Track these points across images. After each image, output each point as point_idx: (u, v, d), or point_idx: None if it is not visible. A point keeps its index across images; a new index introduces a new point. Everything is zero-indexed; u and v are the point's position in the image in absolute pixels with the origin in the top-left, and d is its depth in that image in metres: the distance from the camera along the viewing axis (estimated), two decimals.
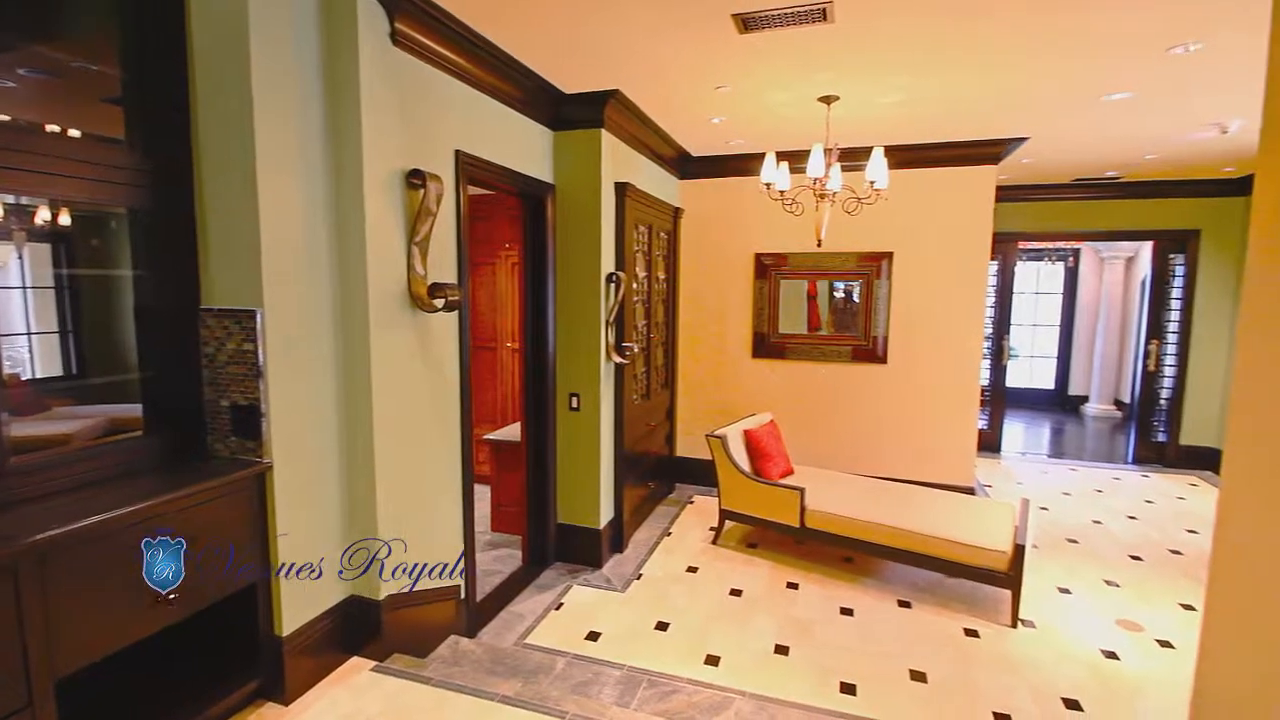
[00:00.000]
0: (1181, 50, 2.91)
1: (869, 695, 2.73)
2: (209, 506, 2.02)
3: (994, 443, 6.82)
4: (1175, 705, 2.67)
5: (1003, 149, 4.67)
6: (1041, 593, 3.68)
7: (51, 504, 1.77)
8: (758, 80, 3.39)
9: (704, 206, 5.33)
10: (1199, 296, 6.19)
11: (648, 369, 4.70)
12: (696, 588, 3.68)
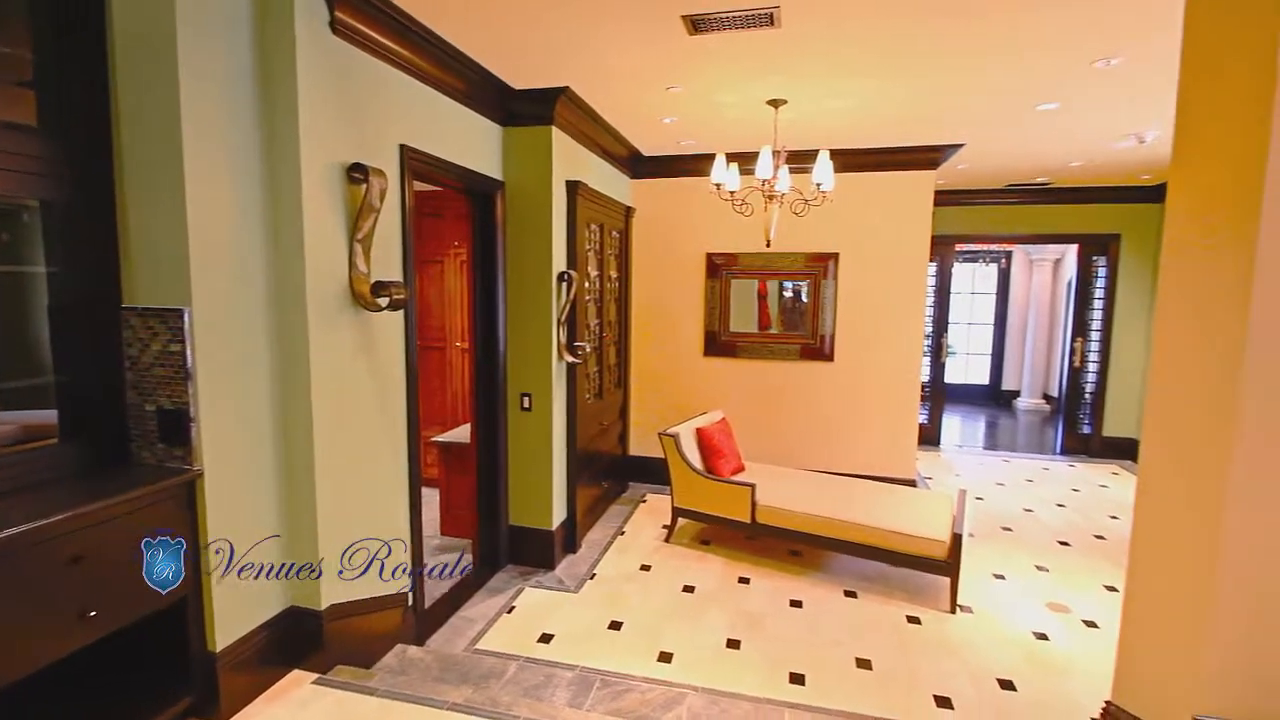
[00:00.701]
0: (1104, 64, 3.09)
1: (817, 684, 2.80)
2: (132, 517, 1.90)
3: (934, 436, 7.10)
4: (1100, 681, 2.84)
5: (941, 155, 4.86)
6: (978, 579, 3.85)
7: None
8: (708, 82, 3.43)
9: (656, 206, 5.36)
10: (1120, 297, 6.60)
11: (600, 368, 4.69)
12: (650, 586, 3.70)
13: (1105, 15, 2.56)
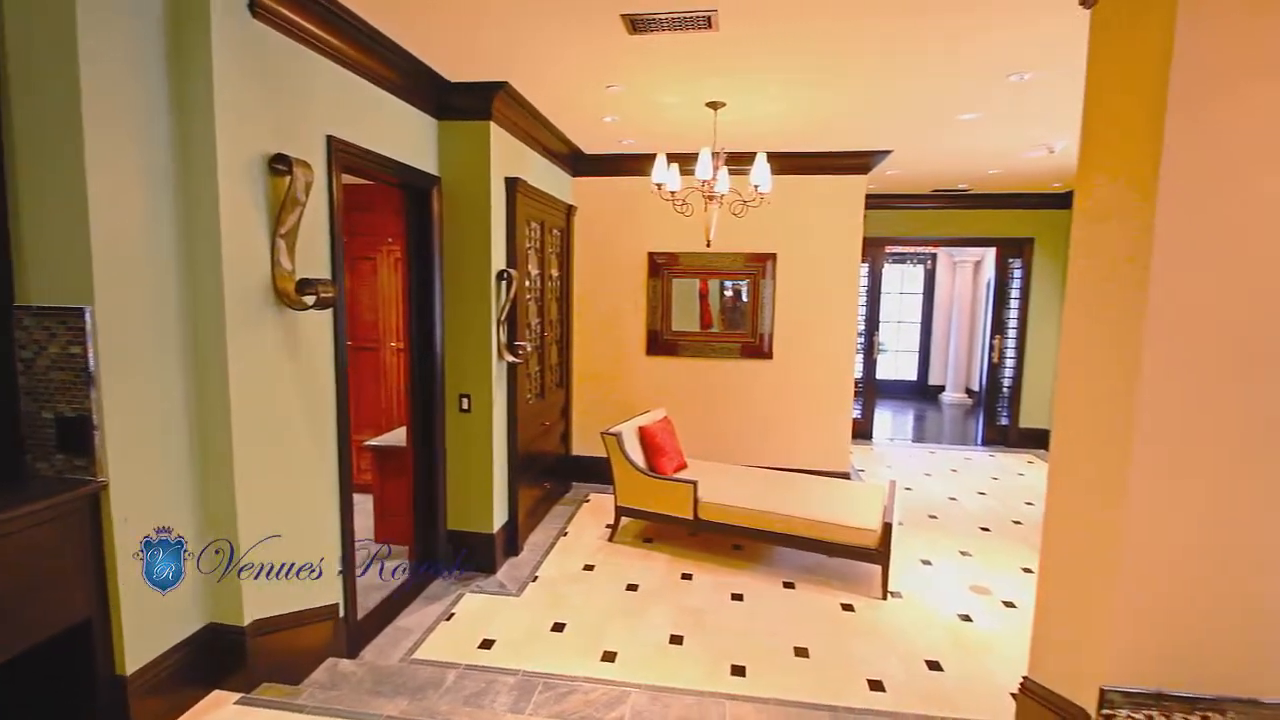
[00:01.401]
0: (1017, 79, 3.28)
1: (757, 675, 2.86)
2: (25, 535, 1.74)
3: (866, 430, 7.39)
4: (1018, 658, 3.02)
5: (871, 160, 5.05)
6: (907, 565, 4.03)
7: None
8: (649, 82, 3.44)
9: (597, 204, 5.34)
10: (1034, 297, 7.05)
11: (542, 367, 4.63)
12: (593, 586, 3.69)
13: (1019, 33, 2.72)
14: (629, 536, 4.39)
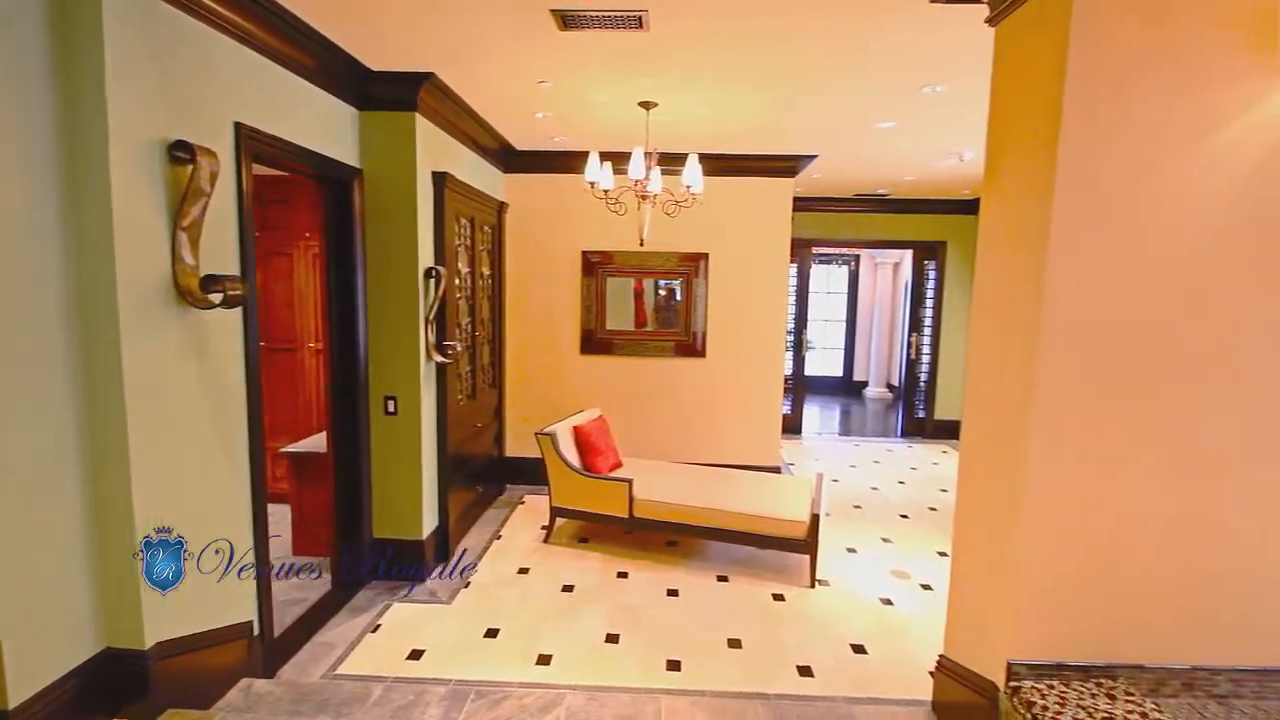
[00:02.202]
0: (930, 90, 3.47)
1: (692, 668, 2.90)
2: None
3: (796, 425, 7.64)
4: (934, 636, 3.20)
5: (798, 164, 5.22)
6: (834, 554, 4.19)
7: None
8: (581, 80, 3.42)
9: (530, 202, 5.26)
10: (947, 296, 7.49)
11: (473, 368, 4.52)
12: (528, 589, 3.63)
13: (932, 47, 2.87)
14: (564, 537, 4.36)
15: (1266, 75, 1.83)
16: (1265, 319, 1.92)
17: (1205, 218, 1.89)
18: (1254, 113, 1.85)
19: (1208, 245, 1.90)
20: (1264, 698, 2.04)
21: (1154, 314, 1.93)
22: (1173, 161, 1.87)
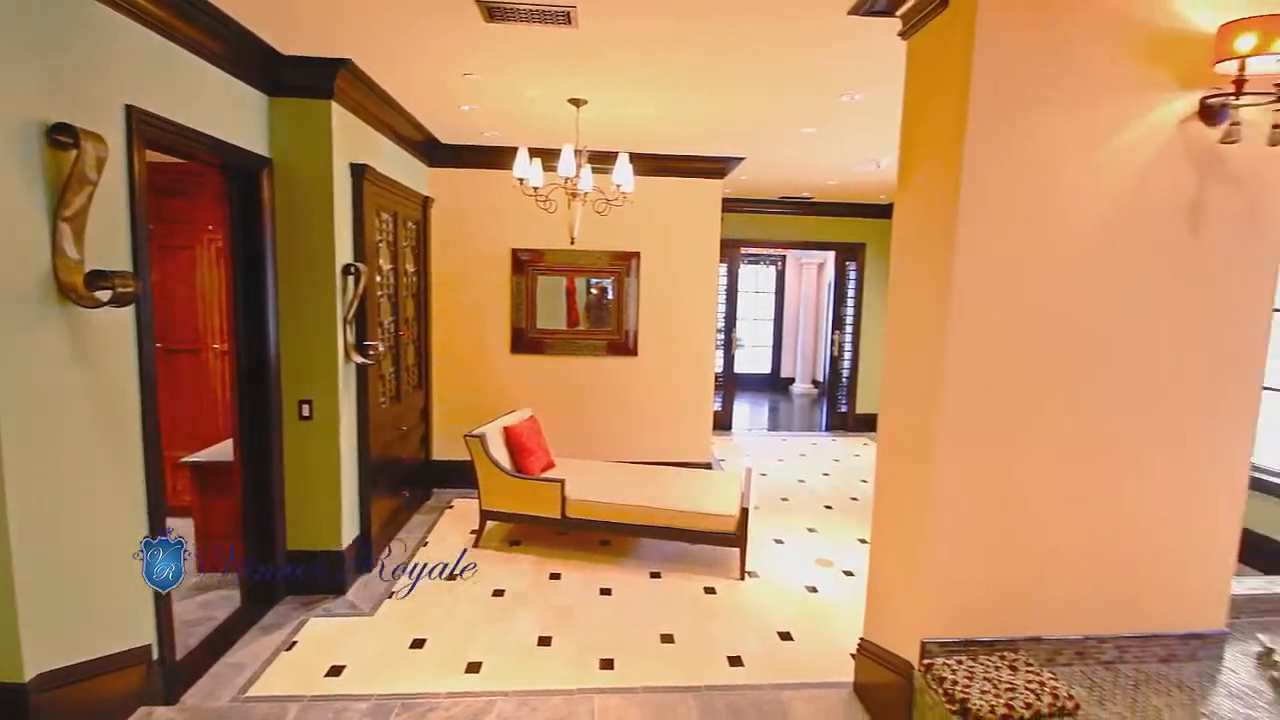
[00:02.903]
0: (849, 99, 3.62)
1: (625, 666, 2.91)
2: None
3: (726, 422, 7.80)
4: (856, 620, 3.34)
5: (726, 166, 5.33)
6: (762, 546, 4.31)
7: None
8: (510, 74, 3.35)
9: (457, 197, 5.12)
10: (866, 296, 7.85)
11: (397, 369, 4.35)
12: (457, 596, 3.54)
13: (849, 57, 2.99)
14: (495, 541, 4.27)
15: (1150, 92, 2.02)
16: (1146, 313, 2.11)
17: (1094, 221, 2.06)
18: (1138, 125, 2.03)
19: (1096, 247, 2.07)
20: (1144, 661, 2.25)
21: (1048, 311, 2.08)
22: (1067, 170, 2.03)
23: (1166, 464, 2.18)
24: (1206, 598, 2.27)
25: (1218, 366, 2.16)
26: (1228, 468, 2.21)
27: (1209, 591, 2.27)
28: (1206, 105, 2.02)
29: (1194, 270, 2.10)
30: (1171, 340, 2.13)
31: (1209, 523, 2.23)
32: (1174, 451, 2.18)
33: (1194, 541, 2.23)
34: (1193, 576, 2.26)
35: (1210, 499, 2.22)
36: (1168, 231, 2.08)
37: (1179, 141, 2.05)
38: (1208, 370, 2.15)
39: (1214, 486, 2.21)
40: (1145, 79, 2.01)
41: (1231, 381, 2.17)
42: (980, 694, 1.94)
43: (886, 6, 2.39)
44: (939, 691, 2.03)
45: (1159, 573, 2.23)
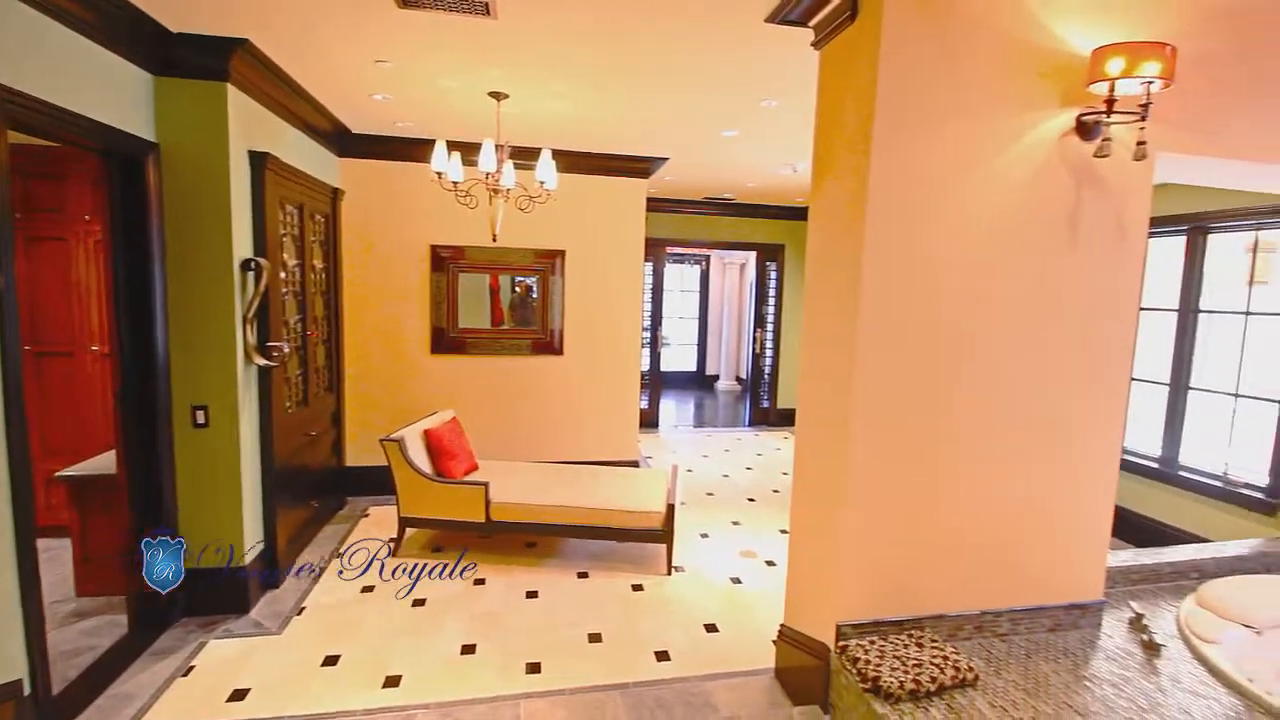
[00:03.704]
0: (767, 104, 3.72)
1: (552, 669, 2.88)
2: None
3: (653, 419, 7.87)
4: (777, 607, 3.45)
5: (650, 165, 5.36)
6: (688, 541, 4.38)
7: None
8: (425, 63, 3.23)
9: (371, 190, 4.89)
10: (786, 295, 8.13)
11: (305, 371, 4.11)
12: (374, 607, 3.38)
13: (767, 63, 3.07)
14: (416, 548, 4.11)
15: (1034, 109, 2.19)
16: (1034, 313, 2.30)
17: (988, 226, 2.22)
18: (1025, 139, 2.20)
19: (990, 251, 2.23)
20: (1034, 631, 2.45)
21: (949, 312, 2.22)
22: (964, 178, 2.18)
23: (1051, 451, 2.38)
24: (1086, 571, 2.50)
25: (1094, 360, 2.37)
26: (1102, 452, 2.44)
27: (1088, 565, 2.50)
28: (1082, 122, 2.21)
29: (1073, 272, 2.31)
30: (1055, 337, 2.32)
31: (1087, 502, 2.45)
32: (1057, 440, 2.38)
33: (1075, 520, 2.45)
34: (1074, 552, 2.47)
35: (1088, 481, 2.44)
36: (1050, 236, 2.27)
37: (1059, 155, 2.24)
38: (1085, 364, 2.37)
39: (1091, 469, 2.44)
40: (1031, 96, 2.19)
41: (1105, 373, 2.39)
42: (890, 671, 2.05)
43: (800, 17, 2.48)
44: (853, 671, 2.13)
45: (1046, 550, 2.44)
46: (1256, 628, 2.43)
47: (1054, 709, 2.00)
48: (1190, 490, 4.42)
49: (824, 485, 2.41)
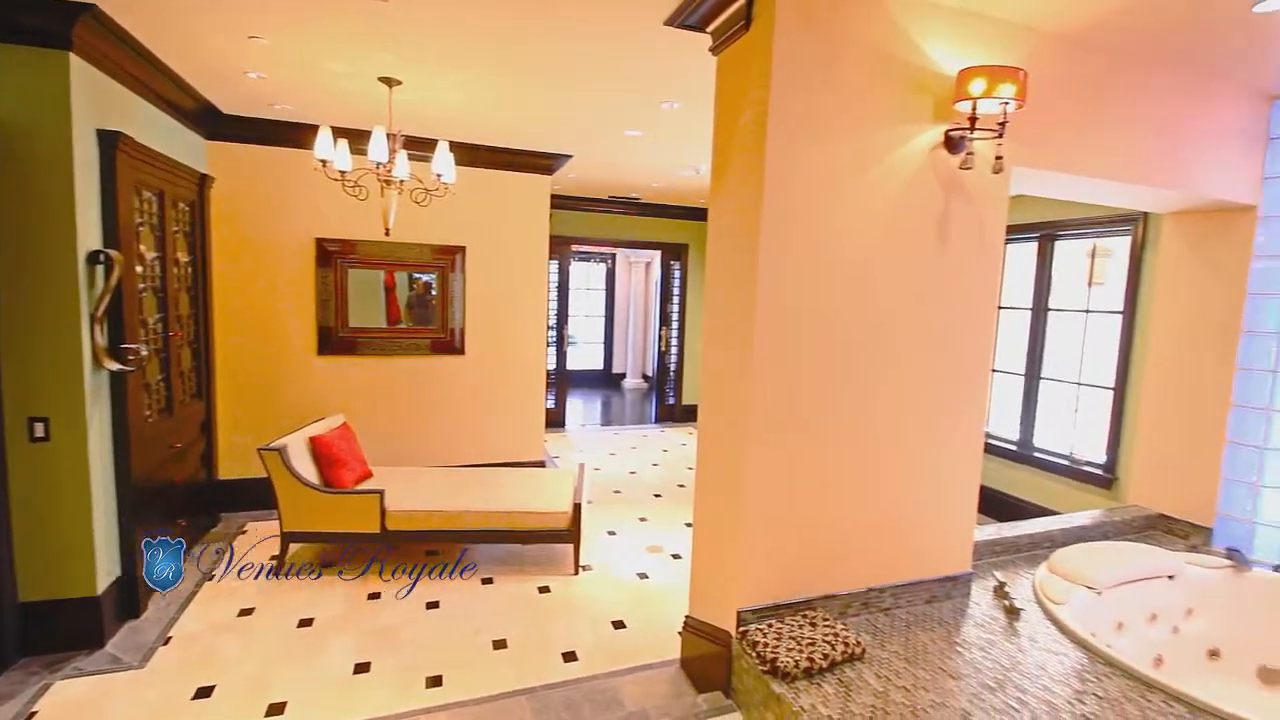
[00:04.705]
0: (669, 106, 3.78)
1: (455, 680, 2.77)
2: None
3: (560, 419, 7.80)
4: (684, 599, 3.52)
5: (555, 163, 5.30)
6: (596, 539, 4.38)
7: None
8: (307, 42, 3.00)
9: (246, 177, 4.49)
10: (689, 294, 8.31)
11: (168, 375, 3.70)
12: (254, 632, 3.11)
13: (669, 64, 3.12)
14: (301, 564, 3.83)
15: (909, 123, 2.36)
16: (909, 311, 2.47)
17: (869, 232, 2.37)
18: (900, 151, 2.37)
19: (870, 255, 2.38)
20: (913, 603, 2.65)
21: (835, 311, 2.36)
22: (848, 186, 2.31)
23: (925, 438, 2.59)
24: (957, 546, 2.74)
25: (960, 354, 2.60)
26: (969, 436, 2.68)
27: (958, 540, 2.74)
28: (950, 136, 2.42)
29: (942, 273, 2.51)
30: (928, 333, 2.52)
31: (956, 483, 2.69)
32: (930, 428, 2.59)
33: (946, 500, 2.68)
34: (947, 529, 2.70)
35: (957, 463, 2.67)
36: (924, 241, 2.46)
37: (930, 166, 2.43)
38: (953, 358, 2.59)
39: (960, 453, 2.67)
40: (907, 111, 2.36)
41: (970, 366, 2.63)
42: (787, 652, 2.15)
43: (698, 22, 2.54)
44: (753, 655, 2.21)
45: (922, 528, 2.64)
46: (1097, 589, 2.76)
47: (930, 674, 2.17)
48: (1043, 469, 4.96)
49: (724, 478, 2.48)
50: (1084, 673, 2.21)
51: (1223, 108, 3.01)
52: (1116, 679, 2.18)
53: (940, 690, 2.09)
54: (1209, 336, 3.38)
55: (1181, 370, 3.52)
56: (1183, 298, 3.53)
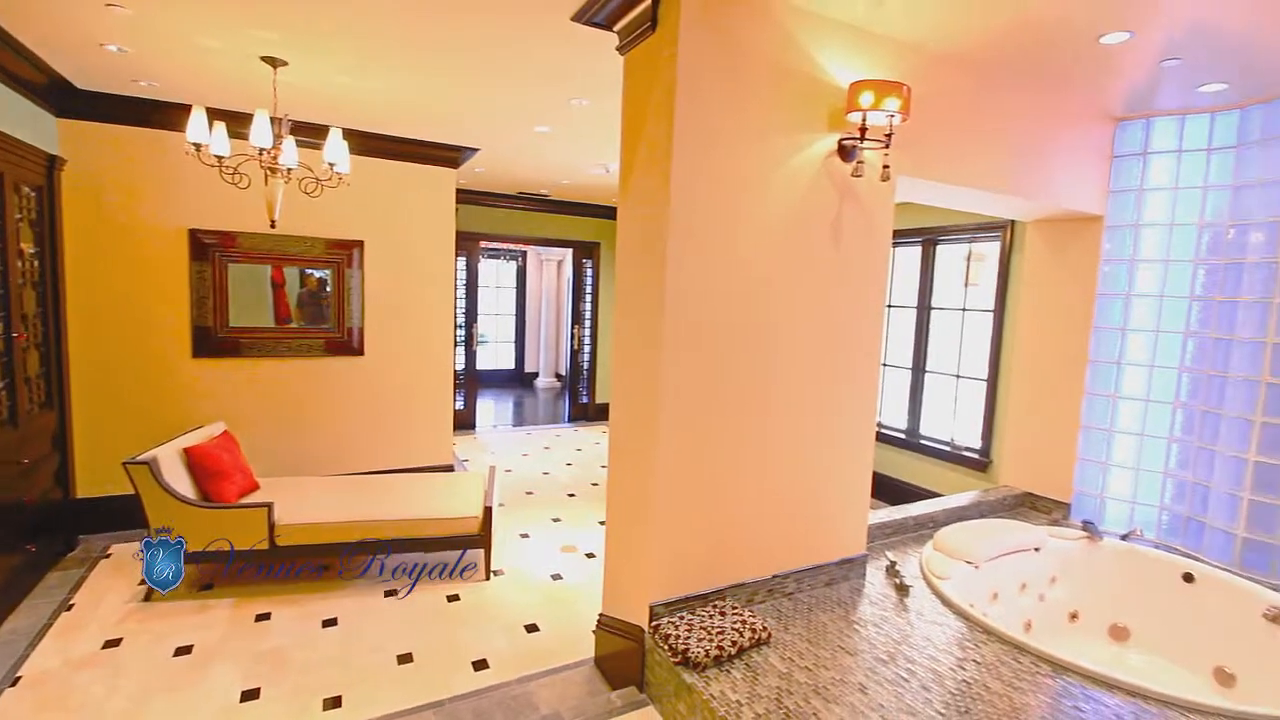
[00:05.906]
0: (578, 103, 3.75)
1: (356, 700, 2.62)
2: None
3: (469, 420, 7.57)
4: (598, 598, 3.52)
5: (460, 155, 5.12)
6: (508, 542, 4.28)
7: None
8: (174, 14, 2.72)
9: (106, 160, 4.02)
10: (602, 292, 8.31)
11: (11, 382, 3.25)
12: (121, 665, 2.79)
13: (576, 60, 3.08)
14: (178, 589, 3.47)
15: (806, 131, 2.46)
16: (806, 310, 2.59)
17: (768, 235, 2.45)
18: (798, 158, 2.47)
19: (770, 256, 2.47)
20: (814, 586, 2.78)
21: (737, 311, 2.43)
22: (749, 191, 2.38)
23: (820, 430, 2.72)
24: (852, 529, 2.90)
25: (853, 349, 2.75)
26: (862, 426, 2.85)
27: (854, 524, 2.91)
28: (843, 145, 2.55)
29: (837, 274, 2.65)
30: (824, 330, 2.65)
31: (851, 471, 2.85)
32: (825, 420, 2.73)
33: (841, 487, 2.83)
34: (843, 514, 2.86)
35: (851, 452, 2.83)
36: (819, 243, 2.59)
37: (825, 173, 2.55)
38: (846, 353, 2.74)
39: (853, 442, 2.83)
40: (803, 120, 2.47)
41: (862, 361, 2.79)
42: (698, 642, 2.19)
43: (605, 21, 2.53)
44: (665, 647, 2.24)
45: (820, 515, 2.78)
46: (975, 563, 3.02)
47: (830, 653, 2.29)
48: (929, 455, 5.37)
49: (634, 475, 2.50)
50: (965, 641, 2.41)
51: (1077, 127, 3.37)
52: (993, 644, 2.39)
53: (839, 667, 2.20)
54: (1066, 332, 3.78)
55: (1043, 363, 3.92)
56: (1044, 297, 3.92)
